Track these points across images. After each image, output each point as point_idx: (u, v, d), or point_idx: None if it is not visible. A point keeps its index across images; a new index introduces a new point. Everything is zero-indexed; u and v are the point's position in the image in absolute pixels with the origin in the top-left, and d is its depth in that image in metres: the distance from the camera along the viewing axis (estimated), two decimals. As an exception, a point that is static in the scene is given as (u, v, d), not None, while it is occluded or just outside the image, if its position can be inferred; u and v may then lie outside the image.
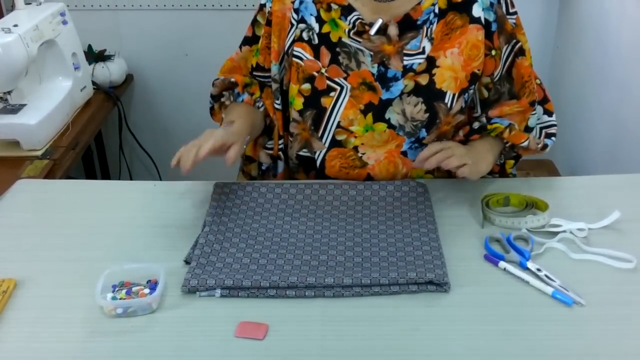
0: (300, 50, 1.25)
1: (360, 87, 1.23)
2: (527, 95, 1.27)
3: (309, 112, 1.25)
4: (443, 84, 1.22)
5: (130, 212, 1.20)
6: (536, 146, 1.29)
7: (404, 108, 1.23)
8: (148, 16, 2.30)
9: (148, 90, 2.44)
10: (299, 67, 1.25)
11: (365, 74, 1.23)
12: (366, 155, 1.26)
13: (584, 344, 0.88)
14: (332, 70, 1.24)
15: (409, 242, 1.07)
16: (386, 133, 1.24)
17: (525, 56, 1.26)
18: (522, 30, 1.27)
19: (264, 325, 0.91)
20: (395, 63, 1.22)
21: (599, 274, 1.01)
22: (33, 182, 1.37)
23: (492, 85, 1.27)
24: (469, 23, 1.21)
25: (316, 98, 1.25)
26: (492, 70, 1.25)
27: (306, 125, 1.27)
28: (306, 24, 1.24)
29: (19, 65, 1.59)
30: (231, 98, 1.33)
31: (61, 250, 1.09)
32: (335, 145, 1.26)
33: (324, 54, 1.24)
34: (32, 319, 0.94)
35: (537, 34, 2.29)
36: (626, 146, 1.80)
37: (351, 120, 1.24)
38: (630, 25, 1.78)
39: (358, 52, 1.23)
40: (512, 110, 1.27)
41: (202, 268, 1.00)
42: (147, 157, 2.48)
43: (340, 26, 1.23)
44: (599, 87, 1.98)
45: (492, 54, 1.23)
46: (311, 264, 1.02)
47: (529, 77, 1.27)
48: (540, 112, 1.33)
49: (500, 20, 1.23)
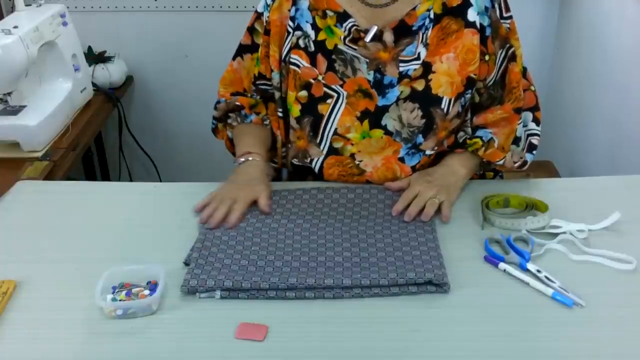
0: (297, 58, 1.25)
1: (356, 94, 1.23)
2: (512, 101, 1.27)
3: (306, 119, 1.26)
4: (439, 89, 1.21)
5: (130, 213, 1.21)
6: (512, 165, 1.28)
7: (400, 114, 1.23)
8: (148, 18, 2.31)
9: (148, 92, 2.44)
10: (296, 74, 1.25)
11: (361, 81, 1.23)
12: (363, 162, 1.26)
13: (584, 345, 0.88)
14: (329, 77, 1.24)
15: (407, 242, 1.07)
16: (383, 139, 1.24)
17: (516, 62, 1.26)
18: (515, 35, 1.26)
19: (264, 326, 0.91)
20: (391, 70, 1.22)
21: (599, 275, 1.01)
22: (33, 183, 1.37)
23: (485, 90, 1.27)
24: (464, 27, 1.21)
25: (313, 105, 1.25)
26: (485, 75, 1.25)
27: (304, 132, 1.27)
28: (302, 31, 1.24)
29: (19, 67, 1.59)
30: (238, 119, 1.34)
31: (61, 251, 1.09)
32: (333, 153, 1.26)
33: (320, 61, 1.24)
34: (32, 320, 0.94)
35: (537, 37, 2.30)
36: (626, 148, 1.81)
37: (348, 128, 1.24)
38: (630, 28, 1.78)
39: (354, 59, 1.23)
40: (495, 117, 1.27)
41: (201, 268, 1.00)
42: (147, 159, 2.48)
43: (336, 33, 1.23)
44: (598, 89, 1.98)
45: (486, 59, 1.23)
46: (310, 266, 1.02)
47: (517, 83, 1.27)
48: (529, 118, 1.33)
49: (494, 25, 1.23)
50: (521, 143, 1.31)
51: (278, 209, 1.19)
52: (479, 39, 1.21)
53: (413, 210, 1.14)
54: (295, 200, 1.22)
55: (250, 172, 1.24)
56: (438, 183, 1.20)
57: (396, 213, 1.16)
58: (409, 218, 1.14)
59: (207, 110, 1.41)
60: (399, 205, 1.16)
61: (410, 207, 1.15)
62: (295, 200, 1.22)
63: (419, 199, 1.16)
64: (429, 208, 1.14)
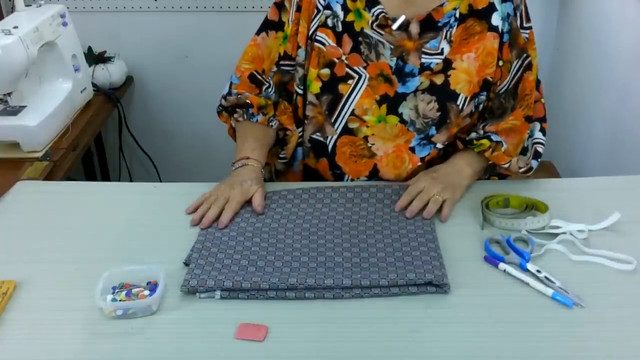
0: (324, 36, 1.26)
1: (377, 78, 1.25)
2: (524, 108, 1.28)
3: (325, 96, 1.27)
4: (457, 85, 1.24)
5: (130, 213, 1.20)
6: (517, 169, 1.30)
7: (417, 104, 1.25)
8: (148, 18, 2.31)
9: (148, 92, 2.44)
10: (320, 52, 1.26)
11: (384, 66, 1.25)
12: (375, 146, 1.27)
13: (584, 346, 0.88)
14: (353, 59, 1.25)
15: (407, 243, 1.07)
16: (397, 127, 1.26)
17: (531, 71, 1.28)
18: (533, 45, 1.28)
19: (264, 326, 0.91)
20: (414, 59, 1.24)
21: (599, 276, 1.01)
22: (33, 183, 1.37)
23: (495, 96, 1.28)
24: (487, 30, 1.23)
25: (334, 84, 1.26)
26: (497, 80, 1.27)
27: (321, 109, 1.28)
28: (332, 10, 1.26)
29: (19, 67, 1.59)
30: (245, 116, 1.33)
31: (61, 251, 1.09)
32: (346, 133, 1.28)
33: (345, 41, 1.25)
34: (31, 321, 0.94)
35: (537, 36, 2.27)
36: (626, 148, 1.81)
37: (365, 110, 1.26)
38: (630, 28, 1.78)
39: (379, 44, 1.24)
40: (507, 124, 1.28)
41: (201, 268, 1.00)
42: (147, 159, 2.48)
43: (364, 17, 1.24)
44: (598, 89, 1.98)
45: (500, 65, 1.25)
46: (310, 266, 1.02)
47: (530, 91, 1.28)
48: (537, 128, 1.34)
49: (513, 33, 1.25)
50: (528, 153, 1.33)
51: (278, 208, 1.19)
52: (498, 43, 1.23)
53: (416, 206, 1.16)
54: (295, 200, 1.22)
55: (245, 174, 1.25)
56: (443, 180, 1.22)
57: (399, 208, 1.17)
58: (410, 214, 1.15)
59: (207, 111, 1.42)
60: (403, 201, 1.18)
61: (413, 203, 1.17)
62: (295, 200, 1.22)
63: (423, 195, 1.18)
64: (431, 205, 1.16)
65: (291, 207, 1.19)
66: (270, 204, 1.20)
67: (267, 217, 1.16)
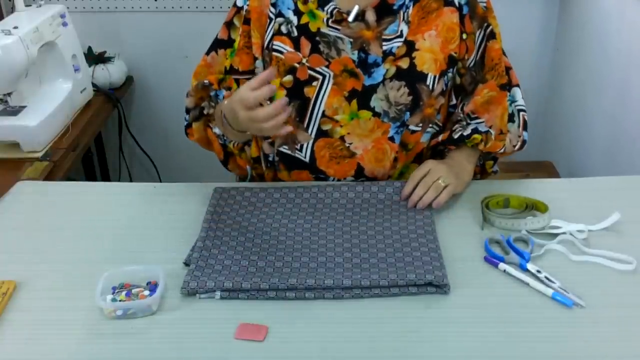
0: (280, 44, 1.25)
1: (342, 75, 1.24)
2: (496, 77, 1.28)
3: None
4: (424, 66, 1.23)
5: (130, 213, 1.20)
6: (512, 149, 1.32)
7: (387, 93, 1.24)
8: (148, 18, 2.30)
9: (148, 92, 2.44)
10: (279, 60, 1.25)
11: (347, 61, 1.24)
12: (353, 145, 1.26)
13: (584, 346, 0.88)
14: (313, 60, 1.24)
15: (407, 243, 1.07)
16: (371, 121, 1.25)
17: (495, 39, 1.28)
18: (493, 13, 1.28)
19: (264, 327, 0.91)
20: (375, 48, 1.24)
21: (598, 276, 1.01)
22: (33, 183, 1.37)
23: (466, 70, 1.28)
24: (443, 6, 1.24)
25: (299, 88, 1.25)
26: (464, 55, 1.27)
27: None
28: (284, 17, 1.25)
29: (19, 67, 1.59)
30: (212, 104, 1.31)
31: (61, 252, 1.09)
32: (322, 136, 1.27)
33: (304, 44, 1.25)
34: (31, 321, 0.94)
35: (537, 36, 2.29)
36: (626, 148, 1.80)
37: (336, 109, 1.25)
38: (630, 28, 1.78)
39: (337, 40, 1.24)
40: (483, 98, 1.28)
41: (201, 270, 1.00)
42: (147, 159, 2.48)
43: (318, 16, 1.24)
44: (598, 89, 1.98)
45: (464, 38, 1.25)
46: (310, 266, 1.02)
47: (499, 59, 1.28)
48: (518, 94, 1.34)
49: (471, 4, 1.25)
50: (516, 118, 1.33)
51: (279, 208, 1.19)
52: (458, 17, 1.23)
53: (417, 194, 1.17)
54: (296, 199, 1.21)
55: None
56: (450, 164, 1.23)
57: (404, 197, 1.19)
58: (411, 204, 1.17)
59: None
60: (407, 188, 1.19)
61: (416, 190, 1.18)
62: (296, 199, 1.21)
63: (427, 178, 1.19)
64: (430, 193, 1.17)
65: (292, 207, 1.19)
66: (271, 203, 1.20)
67: (267, 217, 1.16)
